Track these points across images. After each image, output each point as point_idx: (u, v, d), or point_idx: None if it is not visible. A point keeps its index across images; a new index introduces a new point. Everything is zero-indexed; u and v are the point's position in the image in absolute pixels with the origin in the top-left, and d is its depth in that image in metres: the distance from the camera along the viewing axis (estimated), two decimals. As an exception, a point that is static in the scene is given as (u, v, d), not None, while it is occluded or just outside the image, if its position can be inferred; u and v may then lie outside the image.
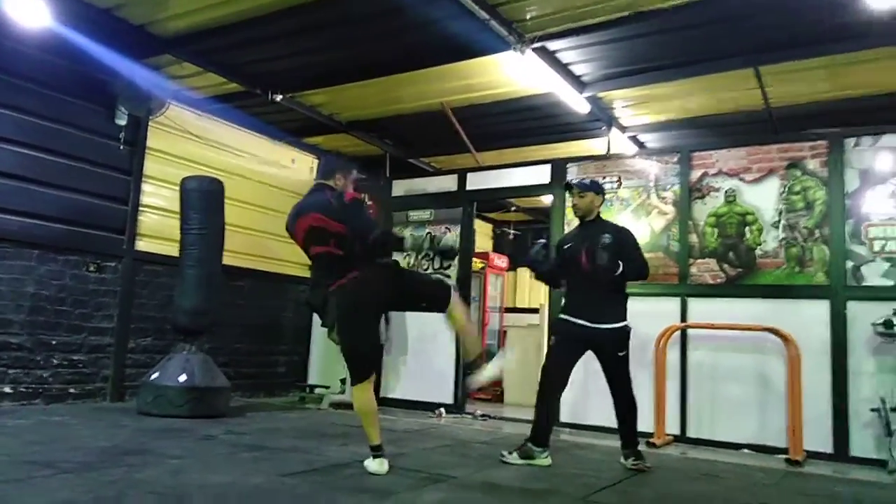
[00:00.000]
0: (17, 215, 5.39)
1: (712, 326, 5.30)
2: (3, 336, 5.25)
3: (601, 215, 4.35)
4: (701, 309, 5.48)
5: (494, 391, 8.04)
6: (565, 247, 4.33)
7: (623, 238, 4.17)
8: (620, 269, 4.00)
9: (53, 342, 5.55)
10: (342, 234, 3.47)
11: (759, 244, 5.37)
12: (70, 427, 4.54)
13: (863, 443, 4.74)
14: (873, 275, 4.92)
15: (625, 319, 4.11)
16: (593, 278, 4.06)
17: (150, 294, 6.30)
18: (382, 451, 3.58)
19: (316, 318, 7.36)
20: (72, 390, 5.67)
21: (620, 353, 4.09)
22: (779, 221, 5.34)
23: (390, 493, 3.16)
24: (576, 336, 4.10)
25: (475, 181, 7.08)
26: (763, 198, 5.42)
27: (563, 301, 4.35)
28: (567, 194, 4.40)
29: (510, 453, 4.10)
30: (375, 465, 3.53)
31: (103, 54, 5.45)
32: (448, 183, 7.23)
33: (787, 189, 5.34)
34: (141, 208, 6.29)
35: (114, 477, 3.15)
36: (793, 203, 5.31)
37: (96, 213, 5.93)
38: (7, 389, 5.26)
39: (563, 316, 4.23)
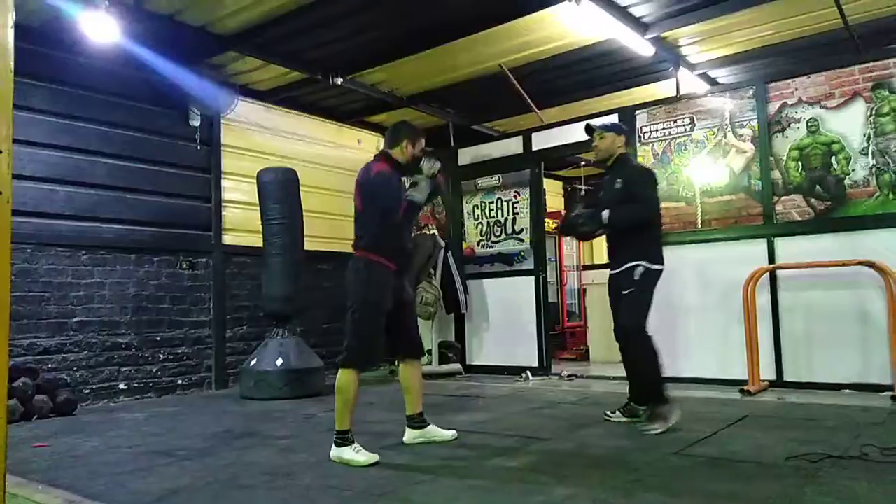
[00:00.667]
0: (112, 223, 5.77)
1: (803, 266, 5.07)
2: (113, 337, 5.68)
3: (629, 157, 4.18)
4: (790, 248, 5.26)
5: (580, 349, 8.04)
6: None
7: (629, 181, 3.96)
8: (605, 219, 3.89)
9: (158, 338, 5.96)
10: (358, 209, 3.48)
11: (848, 173, 5.08)
12: (182, 417, 4.89)
13: (979, 373, 4.48)
14: (980, 194, 4.57)
15: (636, 259, 3.86)
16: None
17: (240, 285, 6.63)
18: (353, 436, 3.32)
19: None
20: (179, 381, 6.10)
21: (624, 291, 3.90)
22: (868, 147, 5.01)
23: (484, 458, 3.25)
24: (610, 288, 4.05)
25: (541, 140, 6.99)
26: (849, 124, 5.10)
27: None
28: (590, 138, 4.17)
29: (614, 412, 4.10)
30: (360, 456, 3.20)
31: (170, 60, 5.71)
32: (514, 146, 7.18)
33: (874, 111, 5.00)
34: (224, 204, 6.59)
35: (227, 460, 3.39)
36: (882, 126, 4.97)
37: (183, 214, 6.26)
38: (122, 386, 5.71)
39: None
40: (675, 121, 5.95)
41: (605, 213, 3.90)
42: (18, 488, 2.90)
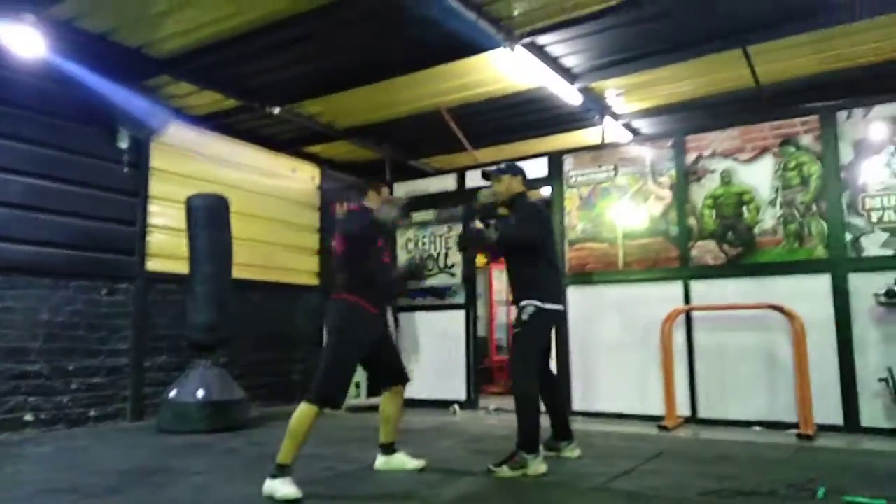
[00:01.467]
0: (25, 244, 5.47)
1: (716, 308, 5.35)
2: (21, 365, 5.34)
3: (525, 196, 4.13)
4: (704, 290, 5.54)
5: (507, 384, 8.12)
6: None
7: (518, 214, 4.04)
8: (495, 237, 3.92)
9: (70, 367, 5.64)
10: (340, 249, 3.64)
11: (758, 222, 5.42)
12: (92, 450, 4.65)
13: (873, 413, 4.80)
14: (873, 245, 4.95)
15: (527, 298, 3.86)
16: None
17: (163, 313, 6.39)
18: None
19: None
20: (92, 413, 5.77)
21: (515, 330, 3.95)
22: (776, 199, 5.38)
23: (410, 493, 3.25)
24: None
25: (475, 178, 7.13)
26: (759, 176, 5.47)
27: None
28: (489, 183, 4.22)
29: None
30: (286, 489, 3.15)
31: (101, 79, 5.56)
32: (448, 182, 7.31)
33: (781, 166, 5.38)
34: (149, 228, 6.37)
35: (138, 499, 3.25)
36: (789, 179, 5.35)
37: (105, 237, 6.02)
38: (28, 417, 5.35)
39: None
40: (600, 166, 6.22)
41: (493, 232, 3.94)
42: None
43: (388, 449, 3.86)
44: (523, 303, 3.87)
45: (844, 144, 5.15)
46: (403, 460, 3.83)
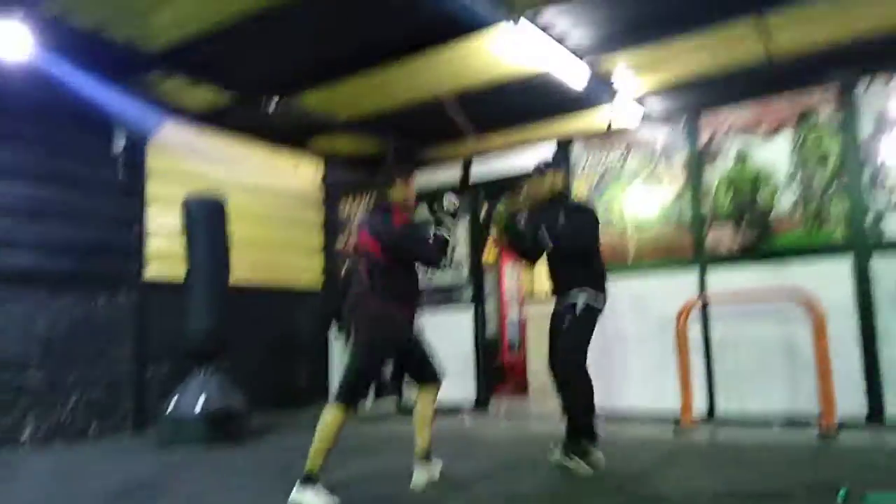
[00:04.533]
0: (21, 252, 5.36)
1: (724, 301, 5.09)
2: (18, 378, 5.21)
3: (566, 194, 4.14)
4: (720, 278, 5.28)
5: (519, 384, 7.88)
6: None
7: (576, 218, 3.92)
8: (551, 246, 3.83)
9: (70, 379, 5.52)
10: (380, 257, 3.36)
11: (775, 204, 5.14)
12: (88, 467, 4.52)
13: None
14: (898, 226, 4.66)
15: (579, 287, 3.80)
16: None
17: (162, 319, 6.11)
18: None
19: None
20: (93, 427, 5.63)
21: (562, 326, 3.81)
22: (793, 178, 5.09)
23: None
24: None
25: (481, 168, 6.92)
26: (776, 154, 5.17)
27: None
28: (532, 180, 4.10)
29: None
30: (320, 500, 3.07)
31: (94, 78, 5.39)
32: (453, 174, 7.09)
33: (799, 142, 5.09)
34: (148, 232, 6.22)
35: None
36: (807, 157, 5.06)
37: (102, 243, 5.88)
38: (26, 433, 5.24)
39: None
40: (610, 152, 5.96)
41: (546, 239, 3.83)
42: None
43: (427, 457, 3.53)
44: (575, 290, 3.76)
45: (865, 116, 4.86)
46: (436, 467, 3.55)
